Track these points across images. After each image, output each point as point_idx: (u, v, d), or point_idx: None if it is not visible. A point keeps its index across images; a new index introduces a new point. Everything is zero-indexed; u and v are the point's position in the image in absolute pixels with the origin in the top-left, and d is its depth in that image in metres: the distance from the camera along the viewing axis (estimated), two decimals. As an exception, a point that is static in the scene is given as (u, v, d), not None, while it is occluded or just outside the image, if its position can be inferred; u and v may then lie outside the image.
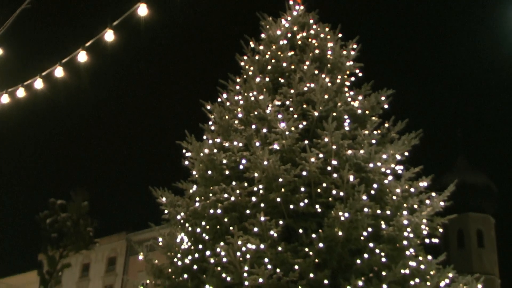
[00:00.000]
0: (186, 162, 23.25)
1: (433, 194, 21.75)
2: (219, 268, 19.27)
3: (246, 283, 18.14)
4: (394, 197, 21.06)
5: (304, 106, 22.07)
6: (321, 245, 18.99)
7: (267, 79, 23.44)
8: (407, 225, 20.26)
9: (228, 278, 18.87)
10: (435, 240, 21.76)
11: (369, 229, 19.52)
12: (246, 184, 20.68)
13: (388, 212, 20.51)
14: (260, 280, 17.84)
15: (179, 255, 21.65)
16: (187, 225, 21.86)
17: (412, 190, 21.71)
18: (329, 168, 20.42)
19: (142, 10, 12.04)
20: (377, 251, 19.31)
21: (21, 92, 14.00)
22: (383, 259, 19.31)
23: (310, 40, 24.87)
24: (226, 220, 20.37)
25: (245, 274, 18.27)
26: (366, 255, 19.16)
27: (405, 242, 20.21)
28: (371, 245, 19.39)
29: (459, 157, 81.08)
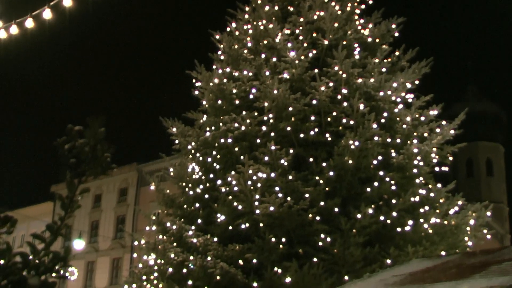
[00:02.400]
0: (196, 92, 23.23)
1: (443, 122, 21.70)
2: (230, 197, 19.46)
3: (257, 211, 18.34)
4: (404, 126, 21.04)
5: (314, 34, 21.85)
6: (331, 173, 19.12)
7: (276, 7, 23.13)
8: (417, 154, 20.29)
9: (239, 207, 19.07)
10: (445, 169, 21.82)
11: (379, 158, 19.60)
12: (256, 113, 20.70)
13: (398, 140, 20.54)
14: (271, 208, 18.03)
15: (190, 185, 21.85)
16: (197, 155, 21.98)
17: (422, 118, 21.66)
18: (339, 97, 20.37)
19: None
20: (387, 179, 19.43)
21: (29, 23, 13.91)
22: (393, 187, 19.44)
23: (319, -33, 24.42)
24: (236, 149, 20.46)
25: (256, 203, 18.46)
26: (376, 183, 19.29)
27: (414, 170, 20.30)
28: (381, 173, 19.50)
29: (470, 85, 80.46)
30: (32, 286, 2.70)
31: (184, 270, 19.21)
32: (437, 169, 21.69)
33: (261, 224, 18.61)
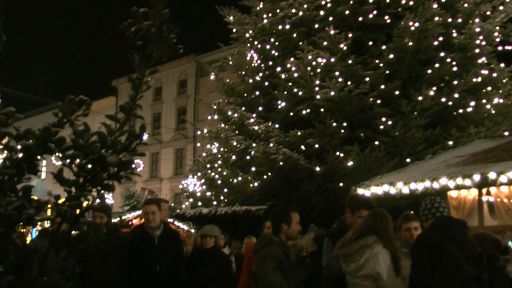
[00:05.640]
0: (252, -21, 22.91)
1: (507, -1, 21.05)
2: (290, 83, 19.52)
3: (318, 96, 18.37)
4: (466, 4, 20.47)
5: None
6: (391, 56, 18.92)
7: None
8: (479, 33, 19.86)
9: (300, 93, 19.14)
10: (508, 48, 21.29)
11: (440, 38, 19.24)
12: (313, -3, 20.42)
13: (459, 20, 20.07)
14: (332, 93, 18.03)
15: (249, 73, 21.96)
16: (255, 42, 21.94)
17: (484, -5, 21.04)
18: (397, -23, 19.87)
19: None
20: (448, 60, 19.14)
21: None
22: (454, 68, 19.17)
23: None
24: (294, 35, 20.34)
25: (316, 88, 18.47)
26: (436, 65, 19.04)
27: (476, 50, 19.91)
28: (441, 54, 19.21)
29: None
30: (111, 163, 2.83)
31: (247, 157, 19.60)
32: (500, 48, 21.20)
33: (321, 109, 18.68)
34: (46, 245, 2.86)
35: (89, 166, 2.84)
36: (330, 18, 19.80)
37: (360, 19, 19.76)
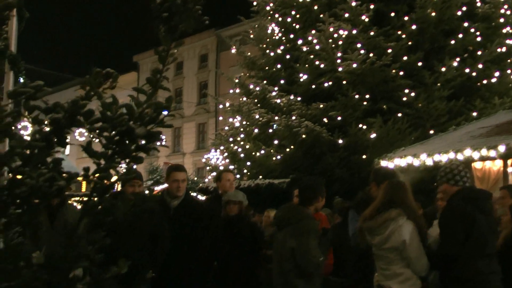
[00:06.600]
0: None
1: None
2: (311, 56, 19.40)
3: (340, 68, 18.27)
4: (490, -27, 20.22)
5: None
6: (413, 27, 18.74)
7: None
8: (503, 2, 19.61)
9: (322, 65, 19.02)
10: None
11: (463, 8, 19.04)
12: (334, -30, 20.22)
13: (483, -12, 19.85)
14: (354, 65, 17.91)
15: (270, 46, 21.87)
16: (276, 15, 21.81)
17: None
18: None
19: None
20: (472, 30, 18.93)
21: None
22: (478, 38, 18.97)
23: None
24: (315, 7, 20.18)
25: (338, 60, 18.36)
26: (460, 35, 18.85)
27: (501, 20, 19.66)
28: (465, 24, 19.00)
29: None
30: (139, 135, 2.83)
31: (270, 130, 19.59)
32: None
33: (344, 82, 18.57)
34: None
35: (117, 138, 2.85)
36: (351, -11, 19.66)
37: (382, -10, 19.60)
